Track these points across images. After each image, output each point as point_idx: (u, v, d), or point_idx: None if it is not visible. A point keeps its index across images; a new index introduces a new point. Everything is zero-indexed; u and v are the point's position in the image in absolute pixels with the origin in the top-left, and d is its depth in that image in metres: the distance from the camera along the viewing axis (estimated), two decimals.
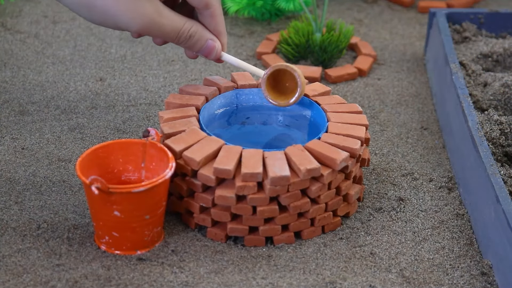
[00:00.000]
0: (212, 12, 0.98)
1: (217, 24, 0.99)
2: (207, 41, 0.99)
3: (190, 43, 0.98)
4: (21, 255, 0.93)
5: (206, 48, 0.99)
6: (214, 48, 1.00)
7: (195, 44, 0.99)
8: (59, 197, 1.02)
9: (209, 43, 0.99)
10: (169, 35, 0.97)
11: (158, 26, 0.95)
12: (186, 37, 0.98)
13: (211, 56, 1.00)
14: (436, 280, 0.93)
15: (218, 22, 0.99)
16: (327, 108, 1.03)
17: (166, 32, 0.96)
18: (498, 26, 1.34)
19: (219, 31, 1.00)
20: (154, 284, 0.90)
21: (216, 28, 0.99)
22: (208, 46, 0.99)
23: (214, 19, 0.99)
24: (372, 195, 1.05)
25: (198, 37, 0.98)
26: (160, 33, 0.96)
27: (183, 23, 0.97)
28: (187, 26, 0.97)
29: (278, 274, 0.93)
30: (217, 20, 0.99)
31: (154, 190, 0.91)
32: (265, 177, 0.93)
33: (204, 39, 0.99)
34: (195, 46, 0.99)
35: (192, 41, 0.98)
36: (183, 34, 0.97)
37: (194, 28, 0.98)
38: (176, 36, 0.97)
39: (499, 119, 1.07)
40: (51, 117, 1.17)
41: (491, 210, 0.94)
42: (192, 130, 0.98)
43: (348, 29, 1.33)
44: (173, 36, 0.97)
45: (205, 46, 0.99)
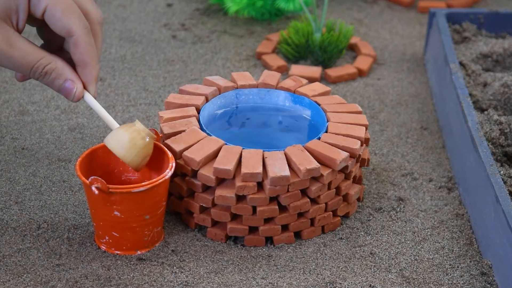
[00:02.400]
0: (75, 41, 0.88)
1: (82, 54, 0.88)
2: (65, 81, 0.89)
3: (46, 80, 0.89)
4: (21, 255, 0.93)
5: (64, 89, 0.89)
6: (72, 90, 0.89)
7: (53, 82, 0.89)
8: (59, 197, 1.02)
9: (67, 83, 0.89)
10: (21, 68, 0.87)
11: (7, 57, 0.86)
12: (41, 74, 0.88)
13: (70, 97, 0.90)
14: (436, 280, 0.93)
15: (83, 52, 0.88)
16: (327, 108, 1.03)
17: (18, 64, 0.87)
18: (498, 26, 1.34)
19: (84, 61, 0.89)
20: (154, 284, 0.91)
21: (81, 58, 0.89)
22: (65, 87, 0.89)
23: (78, 48, 0.88)
24: (372, 195, 1.05)
25: (55, 75, 0.88)
26: (11, 64, 0.87)
27: (39, 58, 0.87)
28: (43, 62, 0.88)
29: (278, 274, 0.93)
30: (82, 50, 0.88)
31: (154, 190, 0.91)
32: (265, 177, 0.93)
33: (62, 78, 0.89)
34: (53, 85, 0.89)
35: (49, 79, 0.88)
36: (37, 70, 0.88)
37: (51, 65, 0.88)
38: (30, 71, 0.88)
39: (498, 119, 1.08)
40: (51, 117, 1.17)
41: (491, 210, 0.94)
42: (192, 130, 0.98)
43: (348, 29, 1.33)
44: (26, 69, 0.87)
45: (63, 86, 0.89)
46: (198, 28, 1.42)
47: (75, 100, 0.90)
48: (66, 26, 0.87)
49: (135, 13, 1.46)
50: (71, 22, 0.87)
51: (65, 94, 0.90)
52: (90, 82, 0.90)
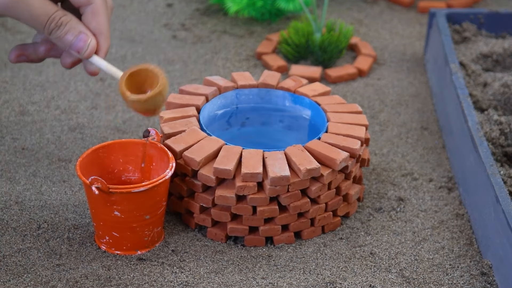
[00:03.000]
0: (93, 9, 0.90)
1: (98, 23, 0.90)
2: (79, 34, 0.89)
3: (60, 32, 0.88)
4: (22, 255, 0.93)
5: (78, 40, 0.89)
6: (86, 41, 0.89)
7: (66, 34, 0.89)
8: (59, 197, 1.02)
9: (82, 36, 0.89)
10: (38, 18, 0.87)
11: (26, 5, 0.86)
12: (57, 24, 0.88)
13: (82, 51, 0.90)
14: (436, 280, 0.93)
15: (99, 21, 0.90)
16: (327, 108, 1.04)
17: (35, 14, 0.87)
18: (498, 26, 1.34)
19: (100, 30, 0.91)
20: (154, 284, 0.91)
21: (97, 27, 0.90)
22: (80, 39, 0.89)
23: (95, 17, 0.90)
24: (372, 195, 1.05)
25: (69, 27, 0.89)
26: (29, 13, 0.87)
27: (56, 9, 0.88)
28: (60, 13, 0.88)
29: (278, 274, 0.93)
30: (99, 19, 0.90)
31: (154, 190, 0.91)
32: (265, 177, 0.93)
33: (76, 30, 0.89)
34: (66, 37, 0.89)
35: (63, 30, 0.88)
36: (54, 20, 0.88)
37: (66, 17, 0.88)
38: (46, 20, 0.87)
39: (498, 119, 1.08)
40: (51, 117, 1.17)
41: (491, 210, 0.94)
42: (192, 130, 0.98)
43: (348, 29, 1.33)
44: (43, 20, 0.87)
45: (77, 38, 0.89)
46: (198, 28, 1.42)
47: (87, 55, 0.90)
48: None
49: (135, 13, 1.46)
50: None
51: (78, 48, 0.89)
52: (102, 50, 0.91)
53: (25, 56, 0.93)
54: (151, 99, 0.88)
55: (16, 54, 0.92)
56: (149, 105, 0.89)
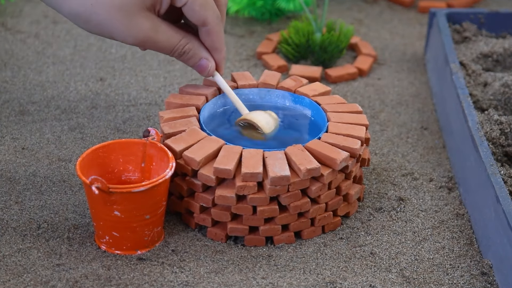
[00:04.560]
0: (209, 30, 0.99)
1: (213, 42, 1.00)
2: (201, 60, 1.00)
3: (183, 58, 1.00)
4: (21, 255, 0.93)
5: (199, 66, 1.01)
6: (207, 67, 1.01)
7: (189, 60, 1.00)
8: (59, 197, 1.02)
9: (203, 62, 1.01)
10: (163, 51, 0.98)
11: (153, 42, 0.97)
12: (180, 53, 0.99)
13: (204, 74, 1.02)
14: (436, 280, 0.93)
15: (214, 40, 1.00)
16: (327, 108, 1.03)
17: (161, 47, 0.98)
18: (498, 26, 1.34)
19: (215, 48, 1.01)
20: (154, 284, 0.91)
21: (213, 45, 1.00)
22: (201, 64, 1.01)
23: (210, 36, 0.99)
24: (372, 195, 1.05)
25: (192, 54, 1.00)
26: (155, 48, 0.98)
27: (179, 40, 0.98)
28: (182, 43, 0.99)
29: (278, 274, 0.93)
30: (214, 38, 1.00)
31: (154, 190, 0.91)
32: (265, 177, 0.93)
33: (198, 57, 1.00)
34: (188, 62, 1.01)
35: (186, 57, 1.00)
36: (178, 50, 0.99)
37: (189, 46, 0.99)
38: (171, 51, 0.99)
39: (499, 119, 1.07)
40: (51, 117, 1.17)
41: (491, 210, 0.94)
42: (192, 130, 0.98)
43: (348, 29, 1.33)
44: (168, 51, 0.99)
45: (198, 64, 1.01)
46: None
47: (209, 76, 1.02)
48: (202, 17, 0.97)
49: None
50: (207, 14, 0.97)
51: (200, 70, 1.01)
52: (220, 64, 1.02)
53: None
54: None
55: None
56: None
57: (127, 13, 0.94)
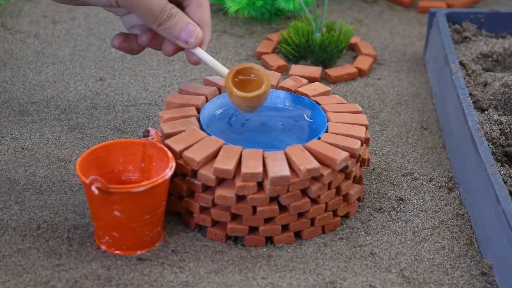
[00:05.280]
0: (199, 1, 0.96)
1: (203, 14, 0.97)
2: (187, 24, 0.96)
3: (170, 23, 0.95)
4: (21, 255, 0.93)
5: (187, 31, 0.96)
6: (195, 31, 0.96)
7: (176, 25, 0.96)
8: (59, 197, 1.02)
9: (190, 26, 0.96)
10: (153, 9, 0.94)
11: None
12: (168, 15, 0.95)
13: (190, 41, 0.96)
14: (436, 280, 0.93)
15: (204, 12, 0.97)
16: (327, 108, 1.03)
17: (152, 5, 0.93)
18: (498, 26, 1.34)
19: (204, 21, 0.97)
20: (154, 284, 0.90)
21: (202, 18, 0.97)
22: (188, 29, 0.96)
23: (201, 8, 0.97)
24: (372, 195, 1.05)
25: (178, 18, 0.95)
26: (147, 5, 0.93)
27: (166, 2, 0.95)
28: (170, 5, 0.95)
29: (278, 274, 0.93)
30: (203, 11, 0.97)
31: (154, 190, 0.91)
32: (265, 177, 0.93)
33: (184, 22, 0.96)
34: (175, 27, 0.96)
35: (173, 21, 0.95)
36: (165, 12, 0.94)
37: (176, 9, 0.95)
38: (159, 12, 0.94)
39: (499, 119, 1.07)
40: (51, 117, 1.17)
41: (491, 210, 0.94)
42: (192, 130, 0.98)
43: (348, 29, 1.33)
44: (157, 12, 0.94)
45: (186, 29, 0.96)
46: None
47: (194, 45, 0.97)
48: None
49: None
50: None
51: (186, 38, 0.96)
52: (205, 41, 0.98)
53: (127, 43, 0.99)
54: (255, 98, 0.95)
55: (120, 40, 0.99)
56: (252, 103, 0.95)
57: None
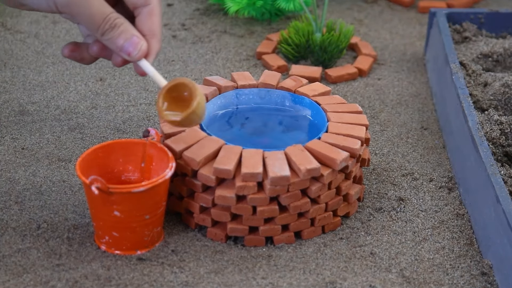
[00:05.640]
0: (150, 10, 0.92)
1: (153, 24, 0.92)
2: (132, 36, 0.90)
3: (113, 33, 0.90)
4: (21, 255, 0.93)
5: (130, 43, 0.90)
6: (138, 43, 0.91)
7: (119, 36, 0.90)
8: (59, 197, 1.02)
9: (134, 38, 0.90)
10: (95, 18, 0.88)
11: (87, 3, 0.87)
12: (111, 25, 0.89)
13: (133, 54, 0.91)
14: (436, 280, 0.93)
15: (155, 22, 0.92)
16: (327, 108, 1.03)
17: (93, 13, 0.88)
18: (498, 26, 1.34)
19: (154, 31, 0.92)
20: (154, 284, 0.90)
21: (152, 28, 0.92)
22: (132, 41, 0.90)
23: (151, 17, 0.92)
24: (372, 195, 1.05)
25: (123, 28, 0.90)
26: (87, 12, 0.88)
27: (112, 11, 0.89)
28: (115, 15, 0.90)
29: (278, 274, 0.93)
30: (154, 19, 0.92)
31: (154, 190, 0.91)
32: (265, 177, 0.93)
33: (129, 33, 0.90)
34: (119, 38, 0.90)
35: (117, 31, 0.90)
36: (109, 21, 0.89)
37: (121, 20, 0.90)
38: (102, 20, 0.89)
39: (499, 119, 1.07)
40: (51, 117, 1.17)
41: (491, 210, 0.94)
42: (192, 130, 0.98)
43: (348, 29, 1.33)
44: (99, 20, 0.89)
45: (130, 41, 0.90)
46: (198, 28, 1.42)
47: (137, 58, 0.91)
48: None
49: None
50: None
51: (129, 51, 0.91)
52: (152, 53, 0.92)
53: (78, 52, 0.94)
54: (185, 119, 0.91)
55: (70, 49, 0.94)
56: (185, 122, 0.91)
57: None
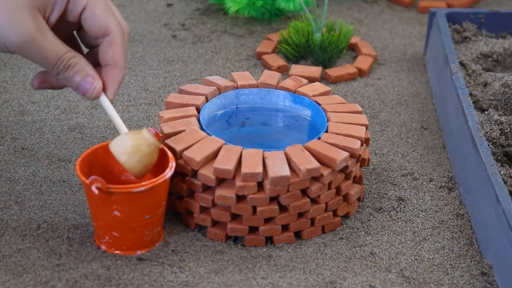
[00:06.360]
0: (111, 39, 0.89)
1: (114, 53, 0.90)
2: (86, 76, 0.89)
3: (68, 74, 0.89)
4: (21, 255, 0.93)
5: (85, 83, 0.89)
6: (92, 85, 0.89)
7: (75, 75, 0.89)
8: (59, 197, 1.02)
9: (89, 78, 0.89)
10: (48, 59, 0.87)
11: (38, 46, 0.85)
12: (65, 65, 0.88)
13: (88, 93, 0.90)
14: (436, 280, 0.93)
15: (116, 51, 0.90)
16: (327, 108, 1.03)
17: (46, 55, 0.86)
18: (498, 26, 1.34)
19: (115, 60, 0.90)
20: (154, 284, 0.91)
21: (114, 57, 0.90)
22: (87, 81, 0.89)
23: (111, 47, 0.90)
24: (372, 195, 1.05)
25: (78, 68, 0.88)
26: (39, 54, 0.86)
27: (66, 51, 0.88)
28: (69, 55, 0.88)
29: (278, 274, 0.93)
30: (116, 49, 0.90)
31: (154, 190, 0.91)
32: (265, 177, 0.93)
33: (84, 73, 0.89)
34: (73, 79, 0.89)
35: (72, 72, 0.88)
36: (63, 61, 0.88)
37: (75, 60, 0.88)
38: (56, 61, 0.87)
39: (499, 119, 1.07)
40: (51, 117, 1.17)
41: (491, 210, 0.94)
42: (192, 130, 0.98)
43: (348, 29, 1.33)
44: (52, 61, 0.87)
45: (84, 81, 0.89)
46: (198, 28, 1.42)
47: (93, 97, 0.90)
48: (104, 24, 0.89)
49: (135, 13, 1.46)
50: (109, 21, 0.89)
51: (84, 90, 0.90)
52: (114, 82, 0.91)
53: (48, 83, 0.93)
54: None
55: (39, 80, 0.93)
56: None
57: (13, 5, 0.83)
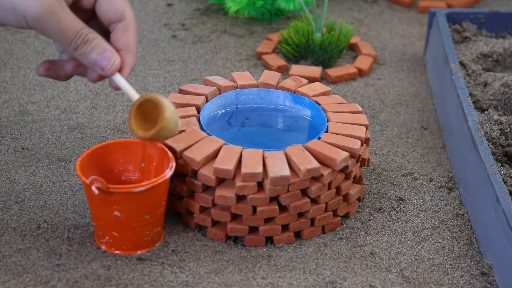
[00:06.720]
0: (125, 25, 0.91)
1: (128, 39, 0.91)
2: (105, 51, 0.90)
3: (86, 48, 0.89)
4: (21, 255, 0.93)
5: (103, 57, 0.90)
6: (111, 58, 0.90)
7: (92, 50, 0.89)
8: (59, 197, 1.02)
9: (107, 53, 0.90)
10: (66, 33, 0.87)
11: (58, 18, 0.86)
12: (84, 40, 0.88)
13: (106, 68, 0.90)
14: (436, 280, 0.93)
15: (130, 37, 0.91)
16: (327, 108, 1.03)
17: (65, 28, 0.87)
18: (498, 26, 1.34)
19: (129, 46, 0.92)
20: (154, 284, 0.91)
21: (127, 43, 0.91)
22: (105, 56, 0.90)
23: (126, 33, 0.91)
24: (372, 195, 1.05)
25: (95, 44, 0.89)
26: (58, 27, 0.86)
27: (83, 26, 0.88)
28: (87, 30, 0.89)
29: (278, 274, 0.93)
30: (129, 35, 0.91)
31: (154, 190, 0.91)
32: (265, 177, 0.93)
33: (101, 48, 0.89)
34: (91, 53, 0.89)
35: (89, 46, 0.89)
36: (81, 36, 0.88)
37: (93, 35, 0.89)
38: (74, 36, 0.88)
39: (499, 119, 1.07)
40: (51, 117, 1.17)
41: (491, 210, 0.94)
42: (192, 130, 0.98)
43: (348, 29, 1.33)
44: (71, 35, 0.88)
45: (103, 55, 0.90)
46: (198, 28, 1.42)
47: (111, 72, 0.90)
48: (120, 9, 0.91)
49: (135, 13, 1.46)
50: (125, 6, 0.92)
51: (103, 65, 0.90)
52: (127, 67, 0.92)
53: (54, 70, 0.94)
54: (155, 135, 0.91)
55: (46, 67, 0.93)
56: (156, 138, 0.91)
57: None
